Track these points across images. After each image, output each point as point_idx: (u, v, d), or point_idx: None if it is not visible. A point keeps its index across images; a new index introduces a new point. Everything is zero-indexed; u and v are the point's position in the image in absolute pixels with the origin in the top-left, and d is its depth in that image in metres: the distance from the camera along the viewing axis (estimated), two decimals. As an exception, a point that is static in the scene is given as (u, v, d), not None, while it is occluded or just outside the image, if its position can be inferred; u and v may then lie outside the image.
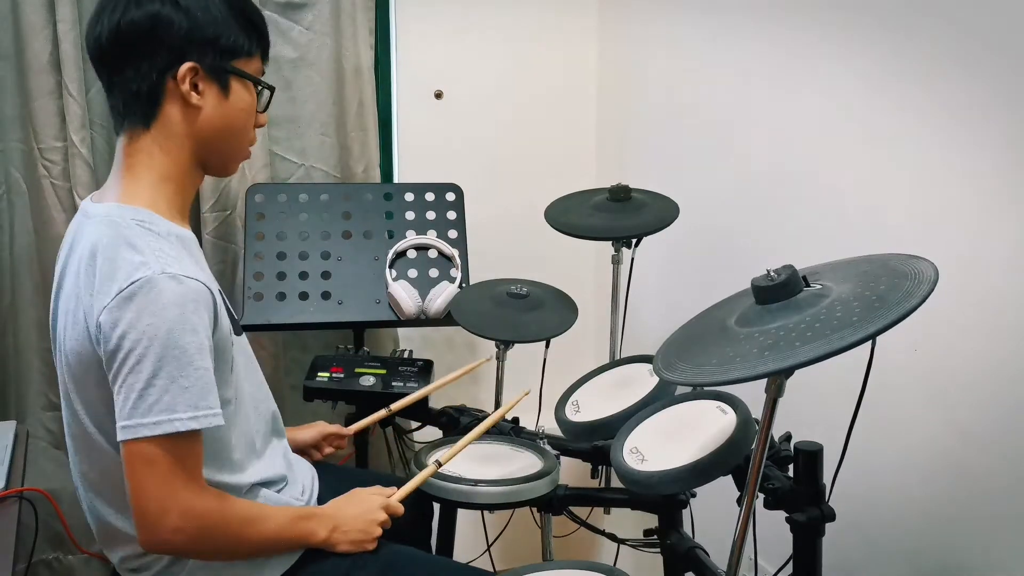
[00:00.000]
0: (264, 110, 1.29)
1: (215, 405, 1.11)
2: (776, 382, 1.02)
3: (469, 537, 1.89)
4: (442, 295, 2.02)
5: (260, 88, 1.27)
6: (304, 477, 1.42)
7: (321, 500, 1.40)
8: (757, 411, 1.10)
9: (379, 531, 1.30)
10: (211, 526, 1.13)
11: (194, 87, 1.17)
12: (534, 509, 1.71)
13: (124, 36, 1.14)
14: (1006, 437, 1.29)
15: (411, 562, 1.35)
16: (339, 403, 1.90)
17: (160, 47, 1.15)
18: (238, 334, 1.28)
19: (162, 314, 1.06)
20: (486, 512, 1.75)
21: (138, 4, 1.14)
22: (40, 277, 2.07)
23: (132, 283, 1.06)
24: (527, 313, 1.82)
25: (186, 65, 1.15)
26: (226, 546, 1.18)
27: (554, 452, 1.64)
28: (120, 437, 1.07)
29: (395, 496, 1.35)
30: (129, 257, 1.09)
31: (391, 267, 2.06)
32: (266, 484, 1.30)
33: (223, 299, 1.21)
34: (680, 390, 1.52)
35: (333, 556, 1.28)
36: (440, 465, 1.43)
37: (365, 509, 1.30)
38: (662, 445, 1.35)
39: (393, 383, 1.86)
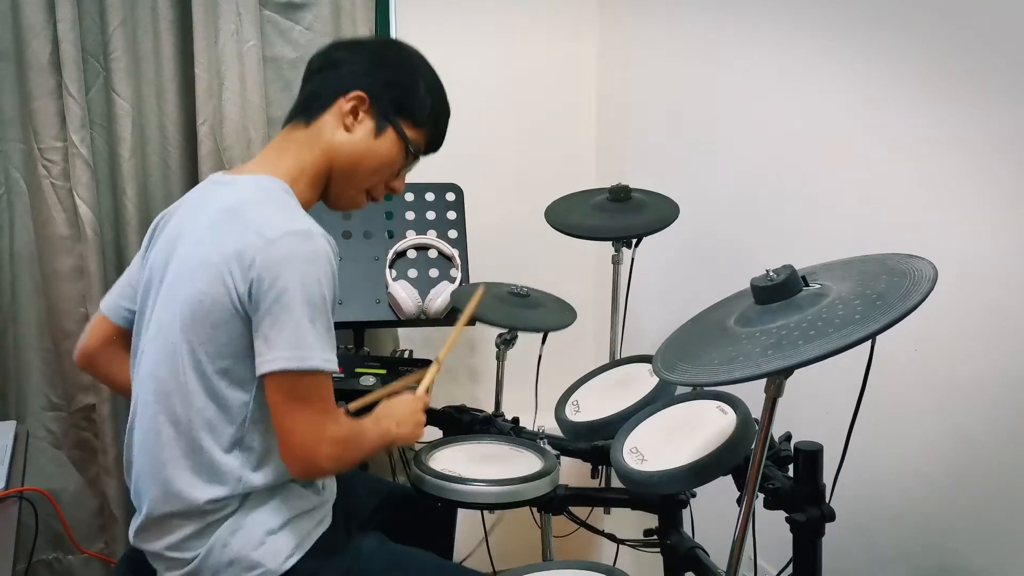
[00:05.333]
0: (400, 174, 1.39)
1: (335, 357, 1.21)
2: (776, 382, 1.02)
3: (469, 537, 1.90)
4: (442, 295, 2.02)
5: (407, 158, 1.37)
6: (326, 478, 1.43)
7: (336, 504, 1.41)
8: (757, 411, 1.10)
9: (424, 420, 1.45)
10: (347, 447, 1.27)
11: (355, 113, 1.31)
12: (534, 509, 1.71)
13: (333, 57, 1.35)
14: (1006, 437, 1.29)
15: (414, 562, 1.36)
16: (339, 403, 1.90)
17: (351, 74, 1.32)
18: None
19: (316, 263, 1.18)
20: (486, 512, 1.75)
21: (359, 47, 1.38)
22: (40, 276, 2.07)
23: (291, 231, 1.18)
24: (528, 310, 1.82)
25: (357, 92, 1.30)
26: (353, 461, 1.31)
27: (554, 452, 1.64)
28: (267, 369, 1.16)
29: (420, 391, 1.50)
30: (284, 212, 1.22)
31: (391, 267, 2.07)
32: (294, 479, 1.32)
33: None
34: (680, 390, 1.52)
35: (338, 551, 1.30)
36: (439, 362, 1.55)
37: (409, 406, 1.44)
38: (662, 445, 1.35)
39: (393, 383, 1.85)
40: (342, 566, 1.30)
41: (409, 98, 1.34)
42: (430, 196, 2.16)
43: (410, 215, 2.14)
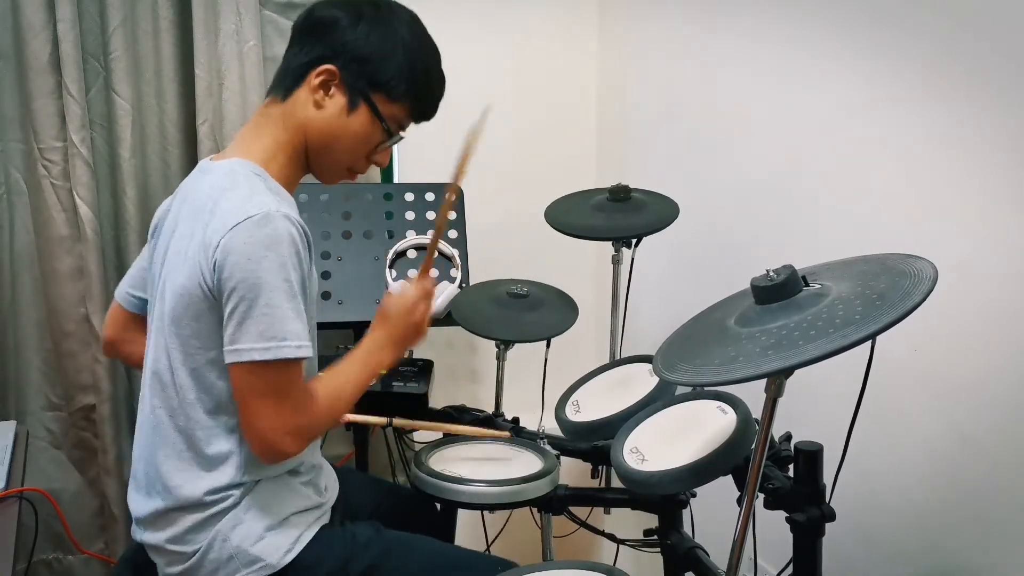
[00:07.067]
0: (381, 148, 1.35)
1: (307, 339, 1.19)
2: (776, 382, 1.02)
3: (469, 537, 1.89)
4: (442, 295, 2.02)
5: (387, 130, 1.33)
6: (328, 478, 1.44)
7: (335, 504, 1.41)
8: (757, 411, 1.10)
9: (424, 318, 1.41)
10: (317, 425, 1.26)
11: (326, 87, 1.27)
12: (534, 509, 1.71)
13: (310, 21, 1.30)
14: (1006, 437, 1.29)
15: (409, 546, 1.37)
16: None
17: (323, 43, 1.27)
18: None
19: (276, 248, 1.15)
20: (486, 512, 1.75)
21: (338, 7, 1.28)
22: (40, 276, 2.07)
23: (249, 217, 1.15)
24: (527, 313, 1.82)
25: (326, 65, 1.26)
26: (330, 423, 1.35)
27: (554, 452, 1.64)
28: (230, 360, 1.16)
29: (420, 274, 1.46)
30: (245, 196, 1.19)
31: (391, 267, 2.07)
32: (295, 472, 1.32)
33: None
34: (680, 390, 1.51)
35: (335, 542, 1.31)
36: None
37: (404, 315, 1.38)
38: (662, 445, 1.35)
39: (393, 383, 1.86)
40: (341, 556, 1.30)
41: (383, 71, 1.28)
42: (430, 196, 2.16)
43: (410, 215, 2.14)
